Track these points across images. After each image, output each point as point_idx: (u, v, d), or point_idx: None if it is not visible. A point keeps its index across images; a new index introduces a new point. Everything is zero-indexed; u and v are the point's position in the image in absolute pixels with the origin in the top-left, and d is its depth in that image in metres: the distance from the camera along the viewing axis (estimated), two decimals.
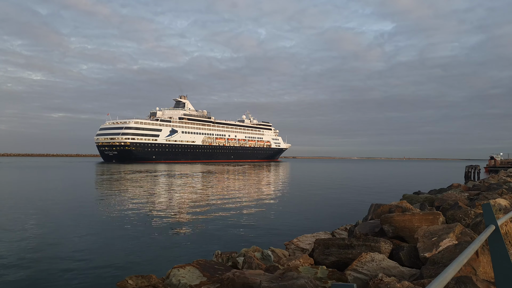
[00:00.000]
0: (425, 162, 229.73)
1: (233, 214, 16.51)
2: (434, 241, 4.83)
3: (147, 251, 10.60)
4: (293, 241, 8.82)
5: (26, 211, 16.83)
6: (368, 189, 31.56)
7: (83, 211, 17.28)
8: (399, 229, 5.76)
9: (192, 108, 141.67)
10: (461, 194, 11.52)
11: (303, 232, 11.65)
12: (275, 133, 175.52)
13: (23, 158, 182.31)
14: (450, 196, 10.40)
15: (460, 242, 4.41)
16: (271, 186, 33.19)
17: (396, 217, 5.85)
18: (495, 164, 49.20)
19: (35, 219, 14.99)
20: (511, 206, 9.46)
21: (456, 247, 4.33)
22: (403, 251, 4.91)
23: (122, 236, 12.16)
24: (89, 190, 28.34)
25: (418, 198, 10.97)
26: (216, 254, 6.46)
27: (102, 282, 8.08)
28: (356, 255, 4.74)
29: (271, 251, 5.90)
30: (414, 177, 55.44)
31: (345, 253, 4.88)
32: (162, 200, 21.69)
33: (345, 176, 55.32)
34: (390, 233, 5.85)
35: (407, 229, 5.73)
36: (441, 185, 33.74)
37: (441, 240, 4.78)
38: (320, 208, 19.50)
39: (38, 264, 9.22)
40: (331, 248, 5.01)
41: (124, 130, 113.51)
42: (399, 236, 5.79)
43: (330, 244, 5.05)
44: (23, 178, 41.35)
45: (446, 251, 4.38)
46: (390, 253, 5.04)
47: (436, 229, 5.12)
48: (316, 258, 5.13)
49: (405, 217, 5.83)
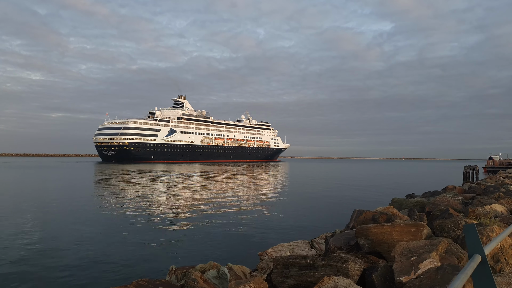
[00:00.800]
0: (424, 162, 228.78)
1: (220, 219, 15.75)
2: (413, 261, 4.02)
3: (140, 253, 10.36)
4: (267, 251, 8.03)
5: (22, 214, 16.11)
6: (361, 191, 30.73)
7: (76, 213, 16.57)
8: (376, 243, 4.94)
9: (191, 108, 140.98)
10: (454, 198, 10.71)
11: (285, 239, 10.88)
12: (274, 133, 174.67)
13: (20, 158, 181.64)
14: (442, 200, 9.58)
15: (443, 266, 3.61)
16: (264, 188, 32.39)
17: (373, 229, 5.03)
18: (494, 165, 48.22)
19: (31, 222, 14.31)
20: (508, 213, 8.64)
21: (438, 271, 3.54)
22: (376, 272, 4.11)
23: (118, 239, 12.02)
24: (84, 191, 27.53)
25: (408, 203, 10.14)
26: (170, 270, 5.66)
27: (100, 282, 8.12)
28: (318, 278, 3.95)
29: (229, 268, 5.10)
30: (412, 177, 54.60)
31: (306, 275, 4.08)
32: (155, 202, 21.22)
33: (342, 176, 54.44)
34: (366, 247, 5.03)
35: (385, 243, 4.92)
36: (438, 186, 32.94)
37: (421, 260, 3.98)
38: (310, 211, 18.69)
39: (37, 264, 9.29)
40: (291, 269, 4.21)
41: (123, 130, 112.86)
42: (376, 251, 4.98)
43: (290, 264, 4.24)
44: (17, 179, 40.57)
45: (426, 277, 3.58)
46: (362, 274, 4.24)
47: (417, 246, 4.31)
48: (274, 280, 4.31)
49: (383, 229, 5.00)
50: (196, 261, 9.27)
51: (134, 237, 12.17)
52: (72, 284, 8.02)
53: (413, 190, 26.80)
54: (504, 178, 23.87)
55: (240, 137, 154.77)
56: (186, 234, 12.76)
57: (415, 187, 34.42)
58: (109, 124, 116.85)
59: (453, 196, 11.26)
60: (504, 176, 27.41)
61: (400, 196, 14.90)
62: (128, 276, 8.50)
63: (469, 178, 47.83)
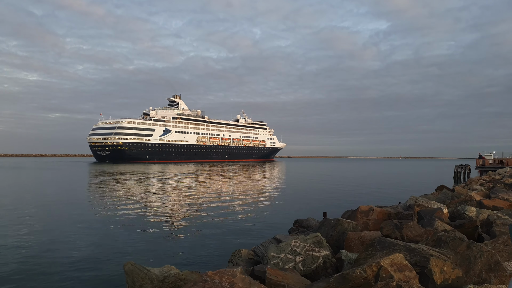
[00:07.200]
0: (420, 161, 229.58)
1: (215, 222, 15.71)
2: None
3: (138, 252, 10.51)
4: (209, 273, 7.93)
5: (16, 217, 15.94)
6: (344, 193, 30.73)
7: (68, 215, 16.39)
8: None
9: (186, 107, 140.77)
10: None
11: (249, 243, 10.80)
12: (270, 133, 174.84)
13: (11, 158, 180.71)
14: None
15: None
16: (250, 190, 32.33)
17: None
18: (484, 164, 47.84)
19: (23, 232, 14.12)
20: None
21: None
22: None
23: (113, 238, 12.16)
24: (74, 193, 27.37)
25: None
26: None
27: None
28: None
29: None
30: (404, 177, 54.63)
31: None
32: (149, 205, 21.01)
33: (334, 175, 54.47)
34: None
35: None
36: (427, 186, 33.03)
37: None
38: (301, 210, 18.65)
39: (34, 265, 9.46)
40: None
41: (117, 130, 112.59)
42: None
43: None
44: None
45: None
46: None
47: None
48: None
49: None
50: (194, 264, 9.35)
51: (129, 241, 12.24)
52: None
53: (395, 191, 26.74)
54: (478, 185, 19.47)
55: (236, 136, 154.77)
56: (182, 237, 12.86)
57: (405, 187, 34.47)
58: (103, 124, 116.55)
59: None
60: (477, 182, 22.92)
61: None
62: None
63: (461, 178, 47.75)
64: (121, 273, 8.29)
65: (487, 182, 22.76)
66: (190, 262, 9.84)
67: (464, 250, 4.46)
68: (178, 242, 12.21)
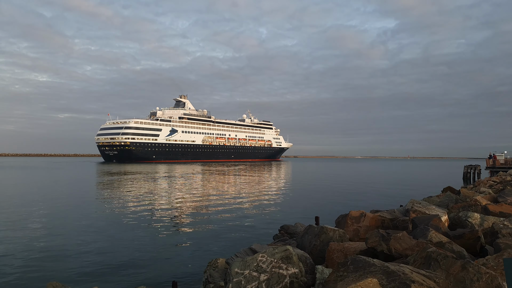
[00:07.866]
0: (429, 161, 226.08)
1: (222, 221, 15.09)
2: None
3: (144, 257, 10.31)
4: None
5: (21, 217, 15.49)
6: (346, 194, 29.76)
7: (73, 215, 15.94)
8: None
9: (192, 107, 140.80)
10: None
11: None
12: (276, 132, 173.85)
13: (21, 158, 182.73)
14: None
15: None
16: (249, 190, 31.58)
17: None
18: (495, 164, 46.36)
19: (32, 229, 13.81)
20: None
21: None
22: None
23: (121, 242, 12.04)
24: (83, 193, 26.95)
25: None
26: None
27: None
28: None
29: None
30: (411, 177, 53.36)
31: None
32: (157, 204, 20.80)
33: (342, 174, 53.41)
34: None
35: None
36: (434, 188, 31.92)
37: None
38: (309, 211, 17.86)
39: (36, 265, 9.58)
40: None
41: (124, 130, 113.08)
42: None
43: None
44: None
45: None
46: None
47: None
48: None
49: None
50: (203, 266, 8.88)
51: (137, 241, 12.14)
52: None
53: (400, 192, 25.81)
54: (486, 187, 17.41)
55: (242, 136, 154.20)
56: (191, 237, 12.61)
57: (405, 189, 33.41)
58: (111, 124, 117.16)
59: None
60: (486, 183, 21.18)
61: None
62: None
63: (470, 178, 46.31)
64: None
65: (496, 183, 21.62)
66: (167, 272, 9.17)
67: (458, 271, 3.66)
68: (178, 241, 11.60)
